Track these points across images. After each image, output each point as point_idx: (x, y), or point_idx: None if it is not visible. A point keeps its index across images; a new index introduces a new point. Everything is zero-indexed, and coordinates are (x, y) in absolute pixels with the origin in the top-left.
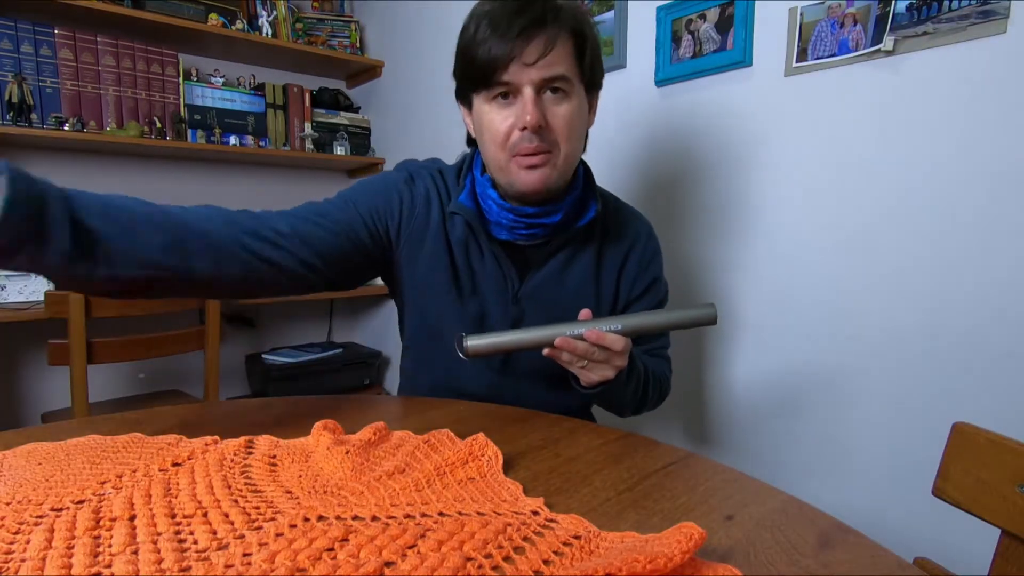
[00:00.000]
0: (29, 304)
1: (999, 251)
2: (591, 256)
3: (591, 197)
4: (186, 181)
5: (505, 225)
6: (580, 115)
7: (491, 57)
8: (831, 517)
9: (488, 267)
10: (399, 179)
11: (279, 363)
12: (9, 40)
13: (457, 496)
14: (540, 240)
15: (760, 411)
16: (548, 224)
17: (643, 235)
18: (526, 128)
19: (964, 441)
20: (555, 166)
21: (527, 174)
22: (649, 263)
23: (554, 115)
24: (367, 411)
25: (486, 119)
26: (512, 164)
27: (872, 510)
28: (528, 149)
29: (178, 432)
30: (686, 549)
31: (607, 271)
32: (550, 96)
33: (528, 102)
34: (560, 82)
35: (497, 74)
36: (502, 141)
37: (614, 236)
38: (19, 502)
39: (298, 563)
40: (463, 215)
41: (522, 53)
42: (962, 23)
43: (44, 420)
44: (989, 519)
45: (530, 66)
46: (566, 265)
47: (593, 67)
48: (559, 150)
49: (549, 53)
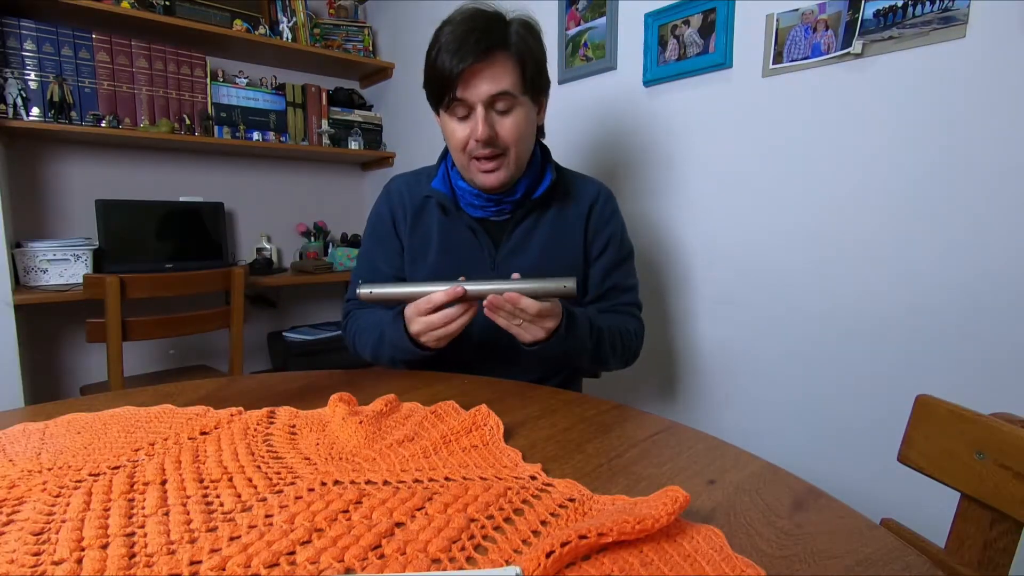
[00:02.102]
0: (69, 286)
1: (958, 238)
2: (552, 219)
3: (547, 170)
4: (213, 173)
5: (477, 205)
6: (526, 121)
7: (447, 78)
8: (805, 481)
9: (466, 240)
10: (381, 199)
11: (299, 340)
12: (51, 44)
13: (461, 462)
14: (508, 215)
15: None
16: (512, 200)
17: (602, 196)
18: (479, 140)
19: (927, 412)
20: (508, 167)
21: (485, 176)
22: (608, 219)
23: (502, 126)
24: (379, 384)
25: (448, 129)
26: (472, 166)
27: (842, 475)
28: (483, 154)
29: (205, 404)
30: (672, 511)
31: (572, 229)
32: (499, 110)
33: (479, 120)
34: (505, 98)
35: (451, 93)
36: (461, 148)
37: (573, 198)
38: (60, 468)
39: (316, 523)
40: (436, 197)
41: (472, 76)
42: (925, 28)
43: (82, 393)
44: (950, 483)
45: (479, 86)
46: (531, 231)
47: (535, 79)
48: (510, 152)
49: (495, 74)
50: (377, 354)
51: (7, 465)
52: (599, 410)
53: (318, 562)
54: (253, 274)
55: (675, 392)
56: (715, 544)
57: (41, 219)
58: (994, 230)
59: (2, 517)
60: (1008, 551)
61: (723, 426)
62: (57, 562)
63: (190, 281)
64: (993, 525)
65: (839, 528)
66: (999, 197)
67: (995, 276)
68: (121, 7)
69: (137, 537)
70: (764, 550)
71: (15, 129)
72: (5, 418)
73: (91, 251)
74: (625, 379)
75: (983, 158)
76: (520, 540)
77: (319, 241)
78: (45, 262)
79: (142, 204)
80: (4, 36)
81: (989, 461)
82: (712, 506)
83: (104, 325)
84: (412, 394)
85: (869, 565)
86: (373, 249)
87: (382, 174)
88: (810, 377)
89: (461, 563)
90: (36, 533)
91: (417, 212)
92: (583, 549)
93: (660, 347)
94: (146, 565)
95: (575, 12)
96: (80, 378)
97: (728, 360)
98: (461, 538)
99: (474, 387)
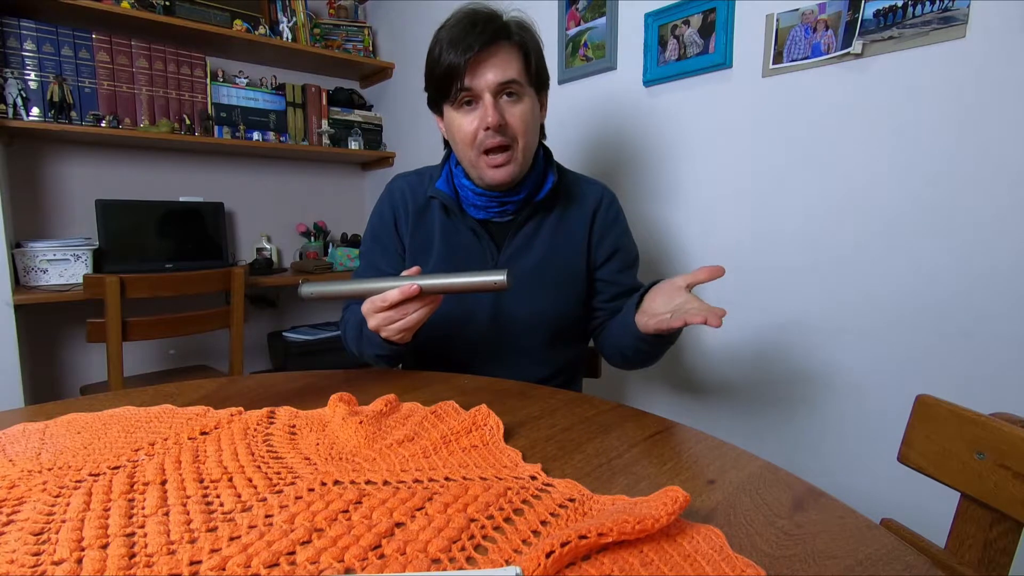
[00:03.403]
0: (69, 286)
1: (958, 238)
2: (555, 221)
3: (549, 172)
4: (213, 173)
5: (480, 206)
6: (533, 112)
7: (453, 70)
8: (805, 481)
9: (468, 242)
10: (383, 199)
11: (299, 340)
12: (51, 44)
13: (461, 462)
14: (511, 216)
15: (735, 381)
16: (515, 201)
17: (606, 199)
18: (489, 127)
19: (927, 412)
20: (516, 161)
21: (494, 171)
22: (613, 223)
23: (511, 115)
24: (379, 384)
25: (455, 124)
26: (481, 161)
27: (842, 475)
28: (493, 144)
29: (205, 404)
30: (672, 511)
31: (575, 232)
32: (506, 99)
33: (488, 106)
34: (512, 86)
35: (459, 83)
36: (470, 141)
37: (576, 199)
38: (60, 468)
39: (316, 524)
40: (440, 198)
41: (478, 64)
42: (925, 28)
43: (83, 392)
44: (950, 483)
45: (485, 75)
46: (534, 233)
47: (538, 71)
48: (518, 144)
49: (500, 63)
50: (360, 350)
51: (7, 465)
52: (599, 410)
53: (318, 562)
54: (253, 274)
55: (675, 392)
56: (715, 544)
57: (41, 219)
58: (994, 230)
59: (2, 517)
60: (1008, 551)
61: (723, 426)
62: (57, 562)
63: (190, 281)
64: (993, 525)
65: (839, 528)
66: (999, 197)
67: (995, 276)
68: (121, 7)
69: (137, 537)
70: (764, 550)
71: (15, 129)
72: (5, 418)
73: (91, 251)
74: (626, 379)
75: (983, 158)
76: (520, 540)
77: (319, 241)
78: (45, 262)
79: (142, 204)
80: (4, 36)
81: (989, 461)
82: (712, 506)
83: (104, 325)
84: (412, 394)
85: (869, 565)
86: (374, 249)
87: (382, 174)
88: (810, 377)
89: (461, 563)
90: (36, 533)
91: (419, 213)
92: (583, 549)
93: None
94: (146, 565)
95: (575, 12)
96: (80, 378)
97: (728, 360)
98: (461, 538)
99: (474, 387)
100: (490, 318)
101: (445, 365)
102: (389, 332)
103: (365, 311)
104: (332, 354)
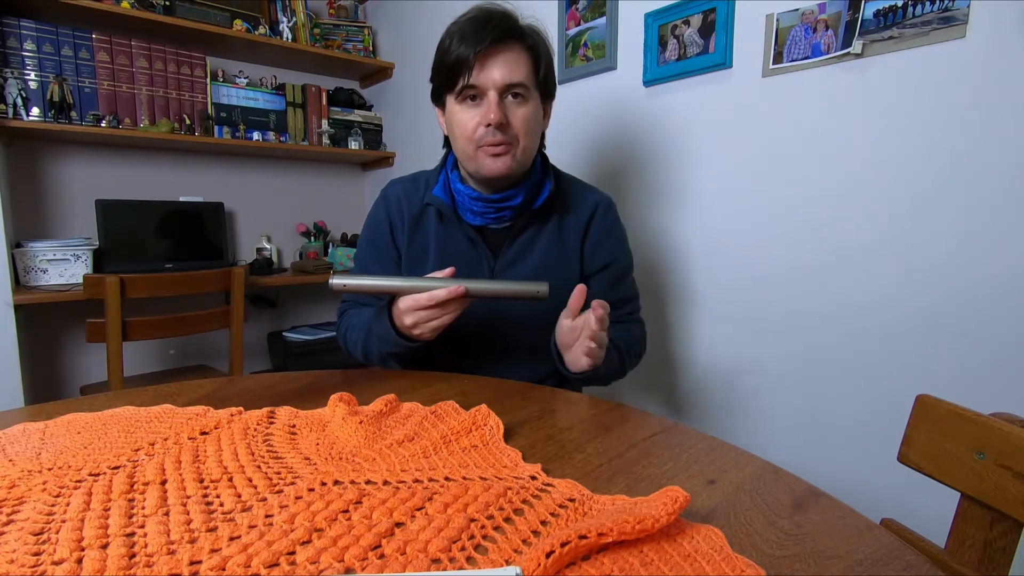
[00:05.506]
0: (69, 286)
1: (958, 238)
2: (552, 230)
3: (547, 180)
4: (213, 173)
5: (477, 211)
6: (536, 117)
7: (462, 62)
8: (805, 481)
9: (464, 250)
10: (378, 205)
11: (298, 340)
12: (51, 44)
13: (462, 462)
14: (507, 223)
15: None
16: (512, 206)
17: (602, 206)
18: (490, 124)
19: (927, 412)
20: (515, 157)
21: (492, 161)
22: (608, 232)
23: (514, 116)
24: (379, 384)
25: (457, 117)
26: (479, 153)
27: (842, 475)
28: (492, 142)
29: (205, 403)
30: (672, 511)
31: (570, 240)
32: (511, 100)
33: (492, 103)
34: (519, 88)
35: (466, 77)
36: (470, 135)
37: (572, 208)
38: (60, 468)
39: (316, 523)
40: (436, 205)
41: (487, 61)
42: (925, 28)
43: (82, 392)
44: (950, 483)
45: (493, 72)
46: (531, 241)
47: (546, 79)
48: (518, 144)
49: (509, 63)
50: (367, 351)
51: (7, 465)
52: (599, 410)
53: (318, 562)
54: (253, 274)
55: (676, 392)
56: (715, 544)
57: (41, 219)
58: (994, 230)
59: (2, 517)
60: (1008, 551)
61: (723, 426)
62: (57, 562)
63: (190, 281)
64: (993, 525)
65: (839, 528)
66: (999, 197)
67: (995, 276)
68: (121, 7)
69: (137, 537)
70: (764, 550)
71: (15, 129)
72: (5, 418)
73: (91, 251)
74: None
75: (983, 158)
76: (520, 540)
77: (319, 241)
78: (45, 262)
79: (142, 204)
80: (4, 36)
81: (989, 461)
82: (712, 506)
83: (104, 325)
84: (412, 394)
85: (869, 565)
86: (369, 256)
87: (382, 174)
88: (810, 377)
89: (461, 563)
90: (36, 533)
91: (416, 220)
92: (583, 549)
93: (661, 348)
94: (146, 565)
95: (575, 12)
96: (80, 378)
97: (728, 360)
98: (461, 538)
99: (474, 387)
100: (490, 319)
101: (445, 365)
102: (424, 330)
103: (404, 308)
104: (332, 354)
